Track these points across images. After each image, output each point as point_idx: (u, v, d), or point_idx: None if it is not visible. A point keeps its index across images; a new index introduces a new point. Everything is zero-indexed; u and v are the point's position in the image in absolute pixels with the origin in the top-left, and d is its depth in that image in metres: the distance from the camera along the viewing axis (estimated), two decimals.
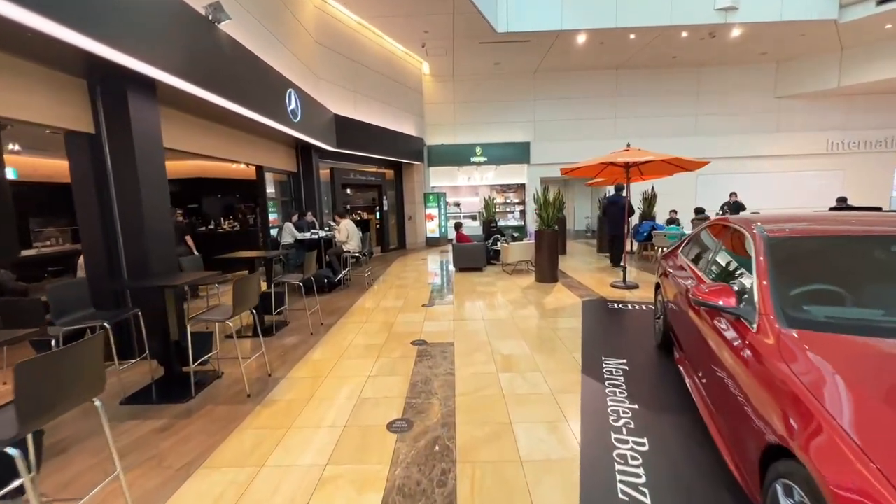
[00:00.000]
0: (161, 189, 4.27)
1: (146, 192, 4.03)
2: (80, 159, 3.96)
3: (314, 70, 8.53)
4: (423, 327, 4.96)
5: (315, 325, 5.18)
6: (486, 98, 14.19)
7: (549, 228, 7.22)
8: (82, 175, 3.97)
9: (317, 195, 9.04)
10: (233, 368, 3.75)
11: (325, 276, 6.88)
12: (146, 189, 4.03)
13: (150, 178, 4.10)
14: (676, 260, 3.71)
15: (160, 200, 4.26)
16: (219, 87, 4.63)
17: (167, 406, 3.19)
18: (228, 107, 4.90)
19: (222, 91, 4.67)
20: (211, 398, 3.32)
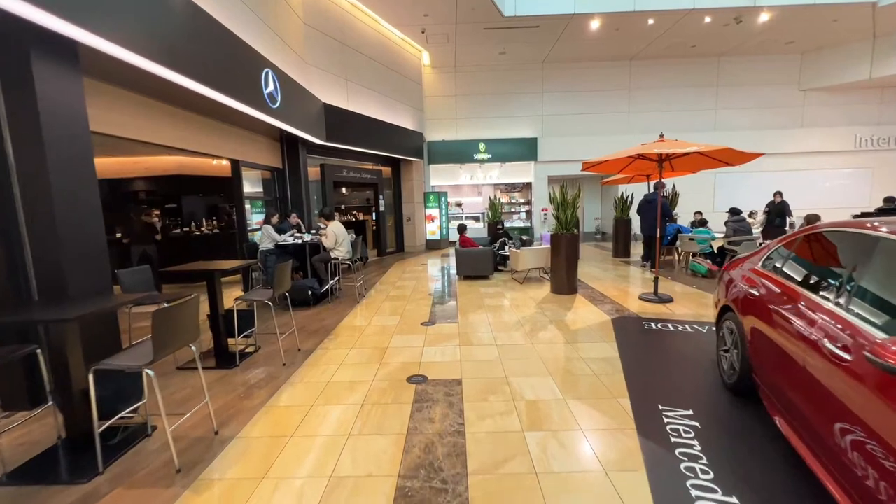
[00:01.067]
0: (86, 183, 3.33)
1: (60, 186, 3.09)
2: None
3: (301, 54, 7.60)
4: (422, 355, 4.03)
5: (290, 351, 4.24)
6: (490, 91, 13.27)
7: (567, 232, 6.28)
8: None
9: (304, 194, 8.10)
10: (170, 420, 2.82)
11: (308, 288, 5.94)
12: (60, 183, 3.09)
13: (67, 169, 3.16)
14: (762, 280, 2.77)
15: (85, 198, 3.32)
16: (166, 56, 3.69)
17: (62, 489, 2.25)
18: (184, 83, 3.97)
19: (172, 62, 3.73)
20: (127, 472, 2.39)
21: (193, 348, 2.72)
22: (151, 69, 3.65)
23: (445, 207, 13.29)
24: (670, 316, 5.08)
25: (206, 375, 3.67)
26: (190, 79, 4.02)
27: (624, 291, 6.47)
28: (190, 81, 4.04)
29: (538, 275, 7.87)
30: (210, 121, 5.87)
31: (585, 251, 11.34)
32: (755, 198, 13.32)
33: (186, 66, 3.98)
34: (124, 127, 4.49)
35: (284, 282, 4.00)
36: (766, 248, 3.08)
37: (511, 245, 8.82)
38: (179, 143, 5.44)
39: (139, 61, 3.50)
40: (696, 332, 4.43)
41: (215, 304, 3.97)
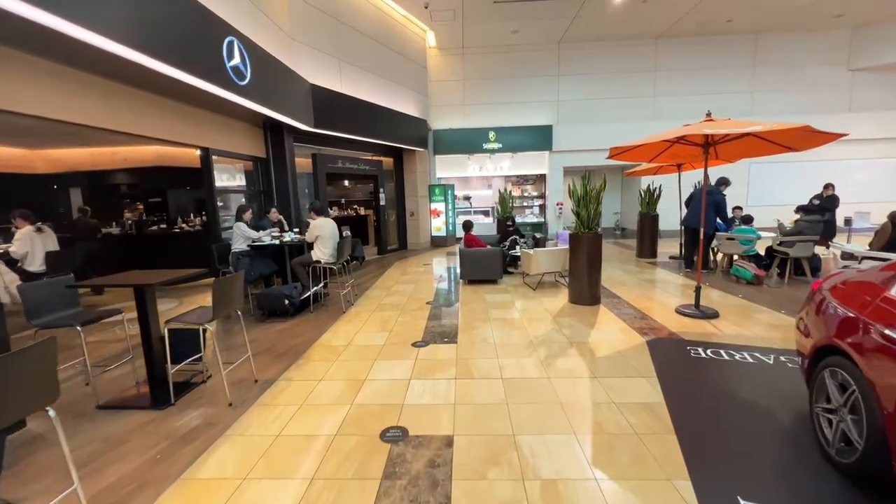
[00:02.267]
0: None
1: None
2: None
3: (286, 28, 6.71)
4: (407, 393, 3.15)
5: (244, 384, 3.40)
6: (501, 74, 12.20)
7: (589, 232, 5.30)
8: None
9: (291, 187, 7.26)
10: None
11: (285, 296, 5.10)
12: None
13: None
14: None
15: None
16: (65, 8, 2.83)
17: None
18: (96, 43, 3.11)
19: (72, 14, 2.87)
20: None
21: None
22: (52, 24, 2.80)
23: (452, 201, 12.36)
24: (719, 337, 4.10)
25: (129, 419, 2.86)
26: (98, 34, 3.13)
27: (657, 302, 5.48)
28: (99, 38, 3.14)
29: (553, 279, 6.91)
30: (176, 104, 5.06)
31: (605, 250, 10.27)
32: (792, 190, 12.07)
33: (99, 20, 3.12)
34: (63, 110, 3.68)
35: (230, 298, 3.14)
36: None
37: (523, 244, 7.87)
38: (136, 129, 4.65)
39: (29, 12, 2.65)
40: (759, 365, 3.45)
41: (147, 324, 3.15)
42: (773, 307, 5.05)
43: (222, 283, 3.01)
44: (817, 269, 6.48)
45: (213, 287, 2.94)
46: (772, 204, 12.09)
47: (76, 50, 3.33)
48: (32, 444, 2.62)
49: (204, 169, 5.65)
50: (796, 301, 5.24)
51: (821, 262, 6.56)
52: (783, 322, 4.51)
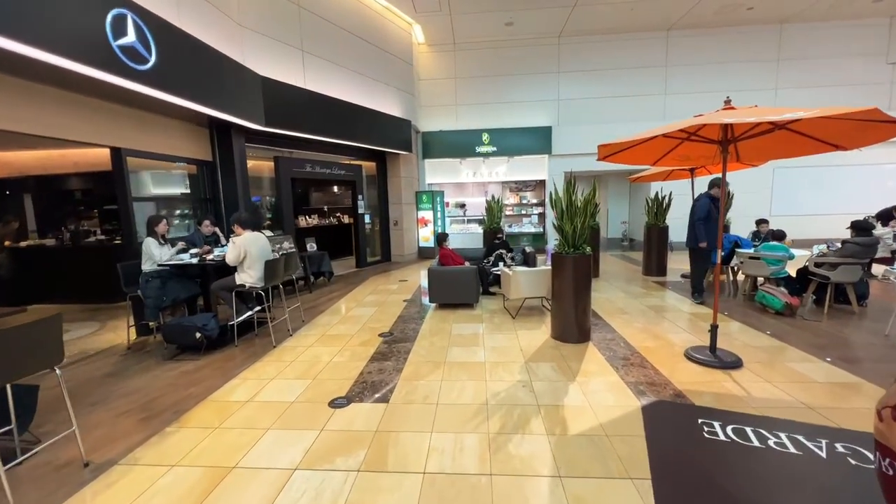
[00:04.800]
0: None
1: None
2: None
3: (232, 14, 5.85)
4: (275, 499, 2.14)
5: (68, 468, 2.44)
6: (495, 71, 11.23)
7: (576, 252, 4.24)
8: None
9: (241, 193, 6.37)
10: None
11: (197, 328, 4.15)
12: None
13: None
14: None
15: None
16: None
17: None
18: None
19: None
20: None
21: None
22: None
23: (442, 209, 11.37)
24: (744, 401, 2.99)
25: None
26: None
27: (661, 340, 4.37)
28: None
29: (540, 303, 5.84)
30: (77, 96, 4.21)
31: (608, 264, 9.15)
32: (816, 199, 10.80)
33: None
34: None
35: (5, 360, 2.16)
36: None
37: (509, 260, 6.82)
38: (33, 129, 3.80)
39: None
40: (806, 458, 2.34)
41: None
42: (812, 350, 3.90)
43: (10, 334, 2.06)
44: (864, 297, 5.28)
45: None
46: (796, 214, 10.81)
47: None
48: None
49: (115, 172, 4.77)
50: (842, 342, 4.08)
51: (868, 287, 5.36)
52: (831, 376, 3.36)
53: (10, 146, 7.63)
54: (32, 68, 3.45)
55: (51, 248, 6.80)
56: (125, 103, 4.69)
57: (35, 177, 8.44)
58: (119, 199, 4.83)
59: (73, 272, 6.50)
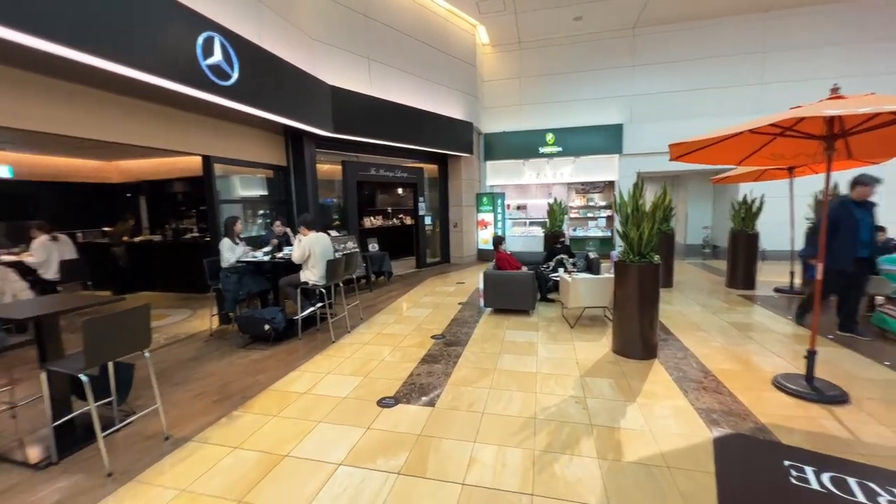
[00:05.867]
0: None
1: None
2: None
3: (306, 28, 6.29)
4: (318, 493, 2.22)
5: (150, 441, 2.76)
6: (562, 69, 10.79)
7: (642, 260, 3.90)
8: None
9: (311, 195, 6.81)
10: None
11: (266, 321, 4.51)
12: None
13: None
14: None
15: None
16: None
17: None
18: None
19: None
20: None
21: None
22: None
23: (503, 211, 11.20)
24: (848, 443, 2.51)
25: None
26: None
27: (744, 362, 3.85)
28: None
29: (603, 313, 5.48)
30: (175, 111, 4.82)
31: (685, 273, 8.34)
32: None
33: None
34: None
35: (107, 345, 2.48)
36: None
37: (570, 266, 6.50)
38: (136, 140, 4.44)
39: None
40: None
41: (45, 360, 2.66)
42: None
43: (99, 323, 2.38)
44: None
45: (84, 329, 2.32)
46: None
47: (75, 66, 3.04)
48: None
49: (205, 177, 5.37)
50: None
51: None
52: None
53: (128, 156, 8.95)
54: (140, 88, 3.98)
55: (157, 243, 7.84)
56: (213, 115, 5.25)
57: (148, 181, 9.82)
58: (207, 201, 5.42)
59: (174, 265, 7.43)
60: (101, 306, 2.90)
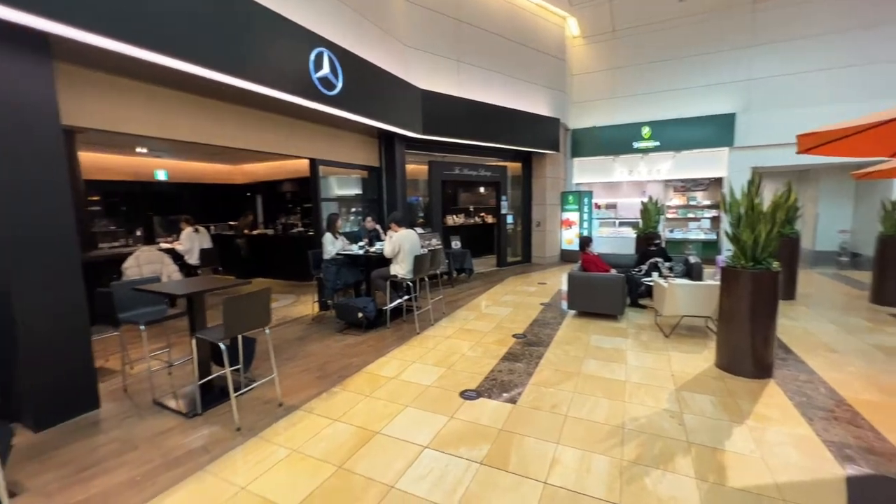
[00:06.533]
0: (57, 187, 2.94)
1: None
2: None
3: (401, 37, 6.68)
4: (406, 470, 2.39)
5: (268, 406, 3.21)
6: (662, 56, 9.93)
7: (757, 267, 3.46)
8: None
9: (399, 194, 7.23)
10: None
11: (358, 309, 4.92)
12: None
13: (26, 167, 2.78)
14: None
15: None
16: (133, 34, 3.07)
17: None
18: (160, 62, 3.33)
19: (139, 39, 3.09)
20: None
21: None
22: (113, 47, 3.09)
23: (589, 210, 10.69)
24: None
25: (162, 420, 2.95)
26: (161, 54, 3.35)
27: (888, 392, 3.22)
28: (162, 57, 3.35)
29: (704, 324, 4.97)
30: (286, 119, 5.48)
31: (813, 284, 7.14)
32: None
33: (152, 38, 3.33)
34: (172, 129, 4.27)
35: (240, 320, 2.93)
36: None
37: (666, 270, 5.99)
38: (243, 144, 5.16)
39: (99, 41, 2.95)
40: None
41: (195, 329, 3.25)
42: None
43: (236, 301, 2.84)
44: None
45: (225, 305, 2.78)
46: None
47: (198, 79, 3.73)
48: None
49: (311, 178, 6.01)
50: None
51: None
52: None
53: (250, 160, 10.32)
54: (262, 101, 4.61)
55: (270, 236, 8.95)
56: (318, 122, 5.84)
57: (263, 182, 11.25)
58: (312, 199, 6.06)
59: (282, 255, 8.43)
60: (233, 288, 3.43)
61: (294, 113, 5.32)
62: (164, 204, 9.79)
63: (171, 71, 3.52)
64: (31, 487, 2.30)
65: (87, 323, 3.15)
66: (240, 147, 4.99)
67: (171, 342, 4.22)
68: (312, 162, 5.92)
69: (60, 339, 2.98)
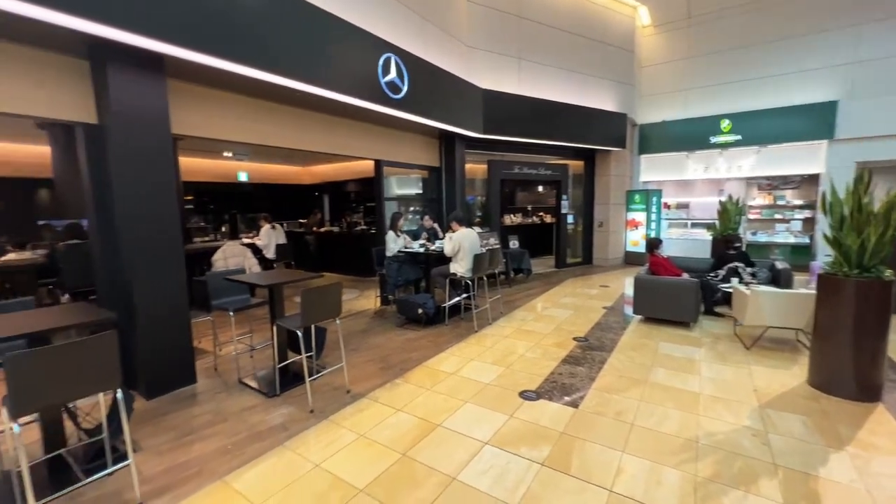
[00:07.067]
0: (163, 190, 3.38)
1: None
2: None
3: (463, 38, 6.75)
4: (468, 463, 2.44)
5: (337, 392, 3.43)
6: (746, 41, 9.04)
7: (865, 276, 3.06)
8: None
9: (458, 193, 7.31)
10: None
11: (419, 305, 5.07)
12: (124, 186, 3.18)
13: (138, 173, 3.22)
14: None
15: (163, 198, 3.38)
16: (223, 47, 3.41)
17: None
18: (247, 73, 3.65)
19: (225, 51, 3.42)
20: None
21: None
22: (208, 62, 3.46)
23: (658, 210, 10.05)
24: None
25: (244, 398, 3.29)
26: (247, 66, 3.65)
27: None
28: (246, 69, 3.64)
29: (795, 336, 4.48)
30: (353, 122, 5.77)
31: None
32: None
33: (238, 49, 3.65)
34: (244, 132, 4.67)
35: (315, 310, 3.16)
36: None
37: (748, 276, 5.49)
38: (322, 148, 5.51)
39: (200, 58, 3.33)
40: None
41: (274, 317, 3.56)
42: None
43: (312, 293, 3.07)
44: None
45: (303, 296, 3.02)
46: None
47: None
48: None
49: (376, 178, 6.28)
50: None
51: None
52: None
53: (318, 162, 11.00)
54: (332, 106, 4.90)
55: (336, 233, 9.49)
56: (382, 124, 6.08)
57: (329, 182, 11.94)
58: (377, 198, 6.33)
59: (346, 252, 8.90)
60: (307, 280, 3.70)
61: (361, 116, 5.59)
62: (245, 203, 10.78)
63: (259, 82, 3.88)
64: (146, 447, 2.68)
65: (188, 308, 3.59)
66: (312, 149, 5.35)
67: (253, 328, 4.65)
68: (377, 163, 6.19)
69: (168, 322, 3.42)
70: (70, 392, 1.95)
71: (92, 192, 3.30)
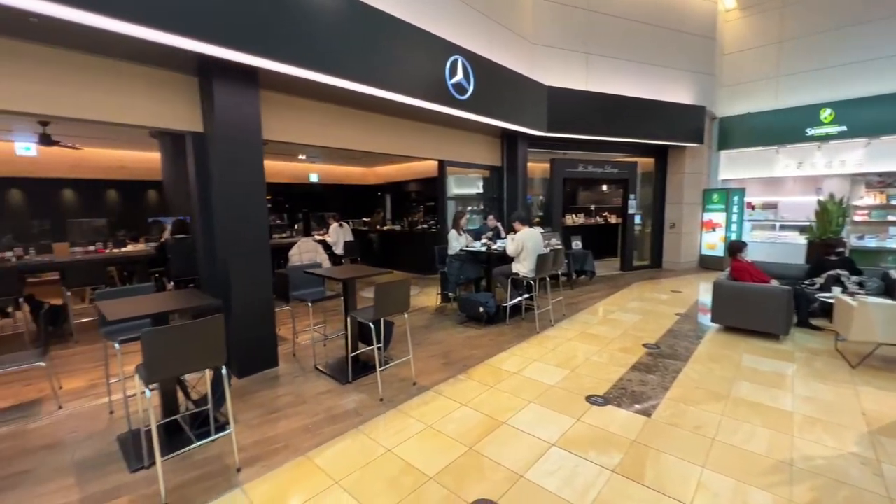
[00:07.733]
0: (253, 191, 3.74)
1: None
2: None
3: (528, 35, 6.67)
4: (534, 463, 2.44)
5: (403, 383, 3.58)
6: (850, 20, 7.97)
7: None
8: None
9: (520, 192, 7.24)
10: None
11: (480, 304, 5.11)
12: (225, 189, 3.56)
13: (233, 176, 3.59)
14: None
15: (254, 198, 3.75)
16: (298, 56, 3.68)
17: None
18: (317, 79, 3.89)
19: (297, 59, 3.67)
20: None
21: None
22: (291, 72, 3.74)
23: (739, 211, 9.18)
24: None
25: (320, 384, 3.55)
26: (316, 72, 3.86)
27: None
28: (315, 74, 3.85)
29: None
30: (417, 123, 5.94)
31: None
32: None
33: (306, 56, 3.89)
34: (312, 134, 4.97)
35: (387, 304, 3.31)
36: None
37: (852, 286, 4.86)
38: (388, 149, 5.74)
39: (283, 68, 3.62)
40: None
41: (347, 309, 3.80)
42: None
43: (384, 288, 3.23)
44: None
45: (376, 291, 3.20)
46: None
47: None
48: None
49: (439, 178, 6.41)
50: None
51: None
52: None
53: (382, 163, 11.44)
54: (398, 108, 5.08)
55: (397, 231, 9.83)
56: (446, 125, 6.19)
57: (391, 183, 12.37)
58: (440, 198, 6.48)
59: (408, 249, 9.18)
60: (377, 276, 3.90)
61: (425, 118, 5.74)
62: (316, 202, 11.53)
63: (335, 89, 4.14)
64: (240, 420, 3.00)
65: (272, 298, 3.94)
66: (381, 151, 5.61)
67: (326, 319, 4.98)
68: (441, 163, 6.33)
69: (257, 309, 3.79)
70: (187, 365, 2.25)
71: (197, 193, 3.75)
